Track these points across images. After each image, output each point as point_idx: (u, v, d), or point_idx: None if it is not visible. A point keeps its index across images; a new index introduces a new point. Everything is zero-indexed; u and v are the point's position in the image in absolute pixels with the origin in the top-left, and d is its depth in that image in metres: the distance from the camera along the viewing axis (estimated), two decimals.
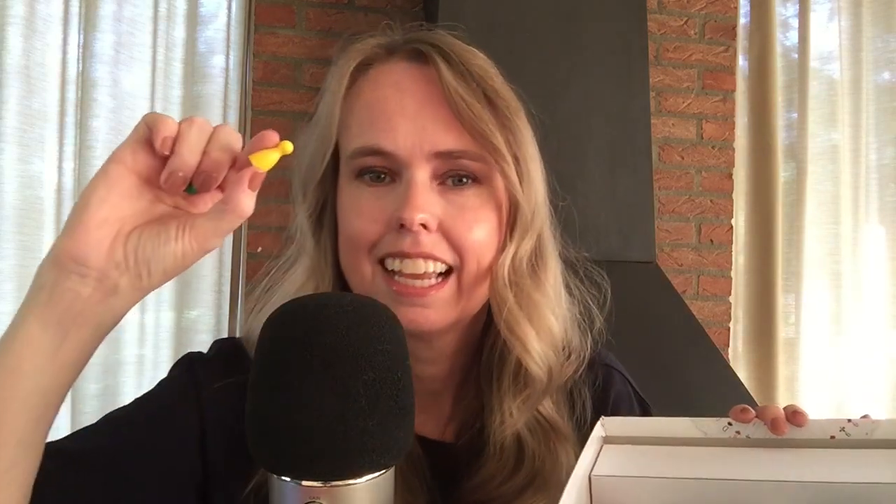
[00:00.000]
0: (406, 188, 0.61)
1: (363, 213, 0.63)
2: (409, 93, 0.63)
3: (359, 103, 0.65)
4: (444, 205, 0.62)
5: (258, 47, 2.26)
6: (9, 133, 1.91)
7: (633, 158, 2.07)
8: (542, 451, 0.67)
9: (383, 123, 0.62)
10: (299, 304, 0.47)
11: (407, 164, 0.62)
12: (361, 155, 0.63)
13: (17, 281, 1.92)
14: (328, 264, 0.67)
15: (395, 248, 0.61)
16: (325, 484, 0.42)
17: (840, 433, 0.53)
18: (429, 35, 0.67)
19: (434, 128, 0.62)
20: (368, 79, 0.66)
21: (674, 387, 1.81)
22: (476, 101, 0.62)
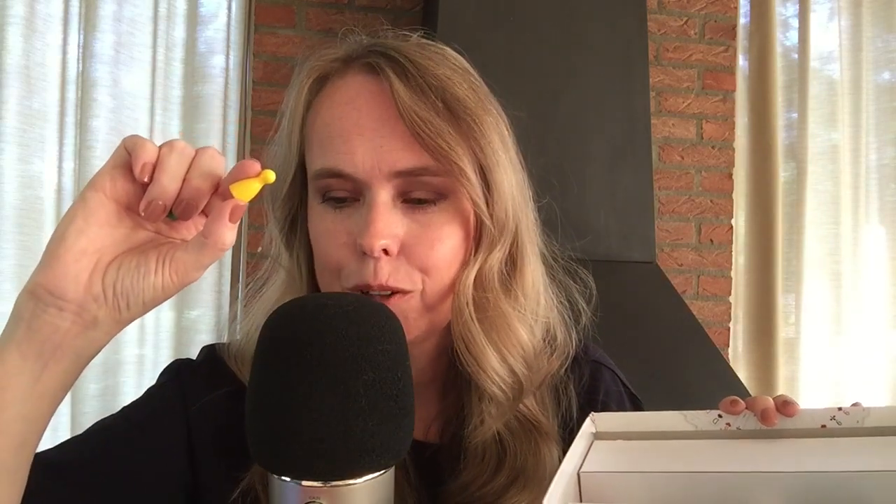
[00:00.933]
0: (367, 211, 0.59)
1: (329, 235, 0.61)
2: (364, 110, 0.60)
3: (317, 122, 0.63)
4: (408, 223, 0.61)
5: (258, 47, 2.26)
6: (9, 133, 1.91)
7: (633, 158, 2.07)
8: (524, 449, 0.66)
9: (340, 145, 0.60)
10: (299, 304, 0.47)
11: (368, 186, 0.60)
12: (322, 177, 0.61)
13: (17, 281, 1.92)
14: (303, 277, 0.66)
15: (359, 279, 0.60)
16: (325, 484, 0.42)
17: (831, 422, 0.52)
18: (385, 45, 0.63)
19: (391, 146, 0.59)
20: (325, 95, 0.64)
21: (674, 387, 1.81)
22: (433, 114, 0.59)
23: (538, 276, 0.69)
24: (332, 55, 0.65)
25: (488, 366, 0.63)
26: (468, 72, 0.65)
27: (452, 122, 0.60)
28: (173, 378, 0.69)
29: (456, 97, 0.61)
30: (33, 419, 0.48)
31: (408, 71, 0.60)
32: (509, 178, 0.64)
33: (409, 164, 0.59)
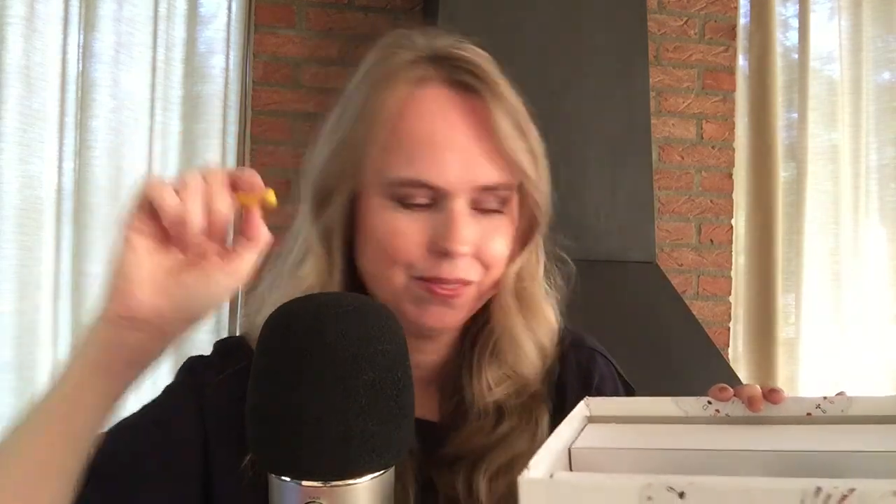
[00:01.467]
0: (449, 218, 0.65)
1: (402, 235, 0.66)
2: (457, 126, 0.65)
3: (403, 130, 0.65)
4: (478, 230, 0.67)
5: (258, 47, 2.26)
6: (9, 133, 1.91)
7: (634, 159, 2.07)
8: (520, 410, 0.72)
9: (431, 158, 0.64)
10: (299, 304, 0.47)
11: (451, 196, 0.65)
12: (406, 186, 0.65)
13: (17, 281, 1.92)
14: (337, 268, 0.70)
15: (432, 272, 0.65)
16: (325, 484, 0.42)
17: (816, 410, 0.54)
18: (468, 58, 0.67)
19: (479, 162, 0.65)
20: (413, 104, 0.66)
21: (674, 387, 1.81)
22: (517, 136, 0.67)
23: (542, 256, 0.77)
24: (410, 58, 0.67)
25: (527, 350, 0.72)
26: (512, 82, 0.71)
27: (524, 140, 0.68)
28: (187, 374, 0.72)
29: (525, 117, 0.69)
30: (100, 427, 0.55)
31: (497, 92, 0.67)
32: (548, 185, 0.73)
33: (492, 180, 0.66)
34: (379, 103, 0.66)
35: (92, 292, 2.02)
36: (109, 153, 2.05)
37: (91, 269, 2.02)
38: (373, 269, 0.69)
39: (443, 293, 0.66)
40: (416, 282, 0.66)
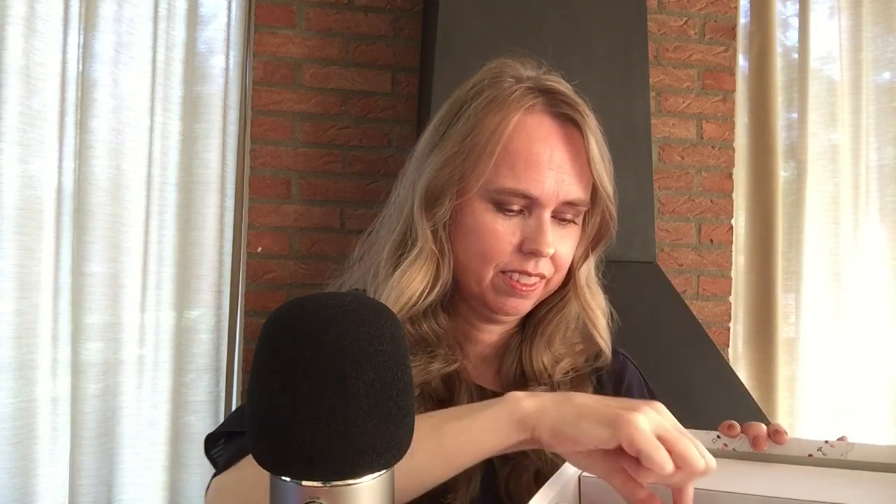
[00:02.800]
0: (540, 224, 0.79)
1: (499, 236, 0.79)
2: (557, 149, 0.80)
3: (512, 148, 0.79)
4: (556, 236, 0.81)
5: (258, 47, 2.26)
6: (9, 133, 1.91)
7: (633, 158, 2.07)
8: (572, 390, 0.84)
9: (534, 173, 0.78)
10: (299, 303, 0.47)
11: (542, 206, 0.79)
12: (510, 194, 0.79)
13: (16, 281, 1.92)
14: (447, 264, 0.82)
15: (520, 266, 0.79)
16: (325, 484, 0.42)
17: (817, 452, 0.59)
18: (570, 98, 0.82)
19: (570, 181, 0.80)
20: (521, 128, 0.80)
21: (674, 387, 1.81)
22: (603, 163, 0.83)
23: None
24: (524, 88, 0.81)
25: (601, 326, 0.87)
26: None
27: (606, 167, 0.84)
28: None
29: (605, 145, 0.84)
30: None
31: (590, 125, 0.82)
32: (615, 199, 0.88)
33: (577, 197, 0.81)
34: (493, 124, 0.79)
35: (92, 292, 2.02)
36: (109, 153, 2.05)
37: (91, 269, 2.02)
38: (466, 261, 0.81)
39: (523, 290, 0.80)
40: (502, 276, 0.80)
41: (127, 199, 2.07)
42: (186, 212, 2.15)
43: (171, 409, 2.11)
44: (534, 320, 0.88)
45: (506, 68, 0.85)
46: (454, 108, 0.83)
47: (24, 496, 1.93)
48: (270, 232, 2.21)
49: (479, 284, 0.81)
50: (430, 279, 0.81)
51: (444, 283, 0.82)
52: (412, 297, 0.80)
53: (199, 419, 2.12)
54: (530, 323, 0.88)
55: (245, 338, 2.21)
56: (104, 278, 2.03)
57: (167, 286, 2.13)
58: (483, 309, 0.84)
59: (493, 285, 0.80)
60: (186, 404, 2.12)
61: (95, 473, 2.02)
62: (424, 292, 0.80)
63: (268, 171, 2.22)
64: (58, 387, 1.99)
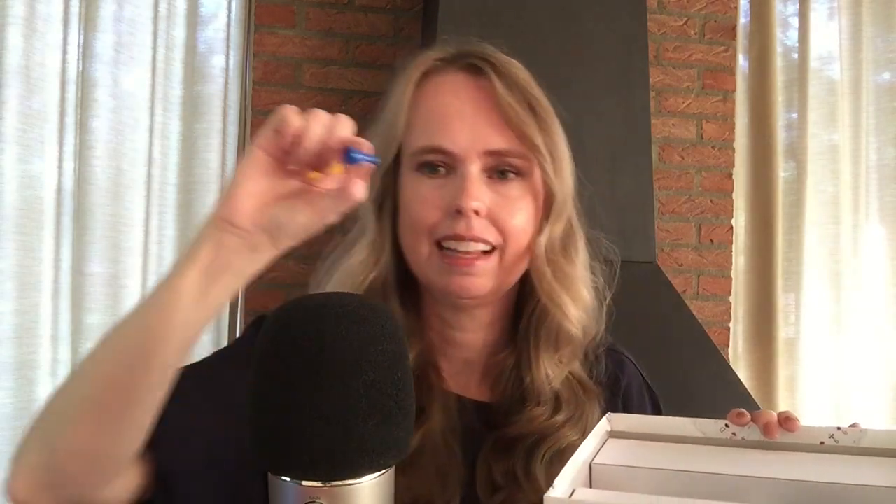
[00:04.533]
0: (462, 180, 0.73)
1: (425, 201, 0.74)
2: (466, 100, 0.75)
3: (422, 108, 0.76)
4: (492, 195, 0.74)
5: (258, 47, 2.26)
6: (9, 133, 1.91)
7: (633, 158, 2.07)
8: (575, 402, 0.78)
9: (444, 126, 0.74)
10: (300, 304, 0.47)
11: (462, 160, 0.73)
12: (425, 153, 0.75)
13: (16, 281, 1.92)
14: (387, 242, 0.78)
15: (451, 230, 0.73)
16: (325, 484, 0.42)
17: (829, 440, 0.56)
18: (480, 50, 0.78)
19: (487, 130, 0.74)
20: (429, 87, 0.77)
21: (674, 387, 1.81)
22: (521, 108, 0.75)
23: (586, 255, 0.84)
24: (434, 55, 0.79)
25: (570, 312, 0.78)
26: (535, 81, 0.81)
27: (533, 115, 0.76)
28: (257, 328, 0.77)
29: (535, 96, 0.77)
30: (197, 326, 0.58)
31: (502, 72, 0.76)
32: (569, 166, 0.81)
33: (500, 145, 0.74)
34: (404, 91, 0.77)
35: (92, 292, 2.02)
36: (109, 153, 2.05)
37: (91, 269, 2.02)
38: (406, 240, 0.77)
39: (463, 262, 0.73)
40: (439, 253, 0.74)
41: (127, 199, 2.06)
42: (186, 212, 2.15)
43: None
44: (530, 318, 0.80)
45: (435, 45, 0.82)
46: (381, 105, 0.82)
47: None
48: None
49: (419, 264, 0.76)
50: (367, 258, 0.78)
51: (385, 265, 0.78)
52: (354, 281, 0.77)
53: None
54: (527, 323, 0.80)
55: None
56: (104, 278, 2.03)
57: None
58: (441, 297, 0.78)
59: (432, 263, 0.75)
60: None
61: None
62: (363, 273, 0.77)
63: None
64: None
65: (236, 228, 0.58)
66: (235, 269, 0.59)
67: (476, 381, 0.82)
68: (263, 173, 0.58)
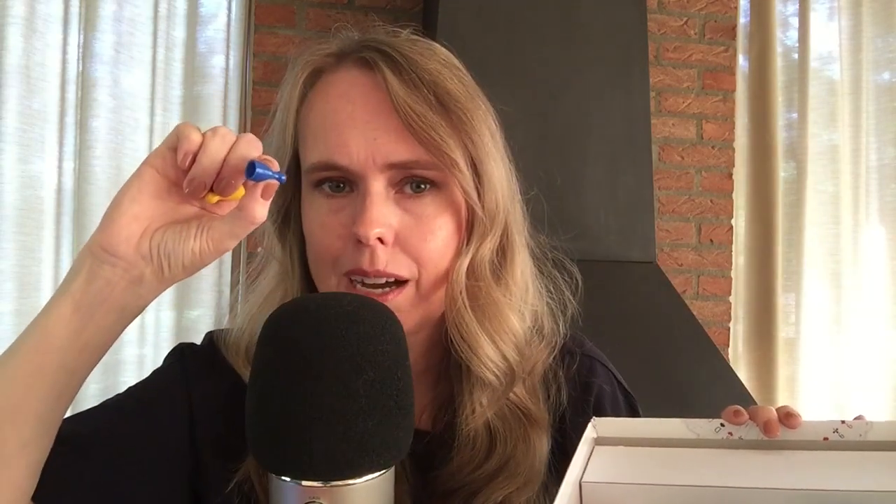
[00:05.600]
0: (361, 201, 0.61)
1: (325, 226, 0.63)
2: (358, 103, 0.62)
3: (311, 115, 0.64)
4: (401, 214, 0.62)
5: (258, 47, 2.26)
6: (9, 133, 1.91)
7: (633, 158, 2.07)
8: (515, 436, 0.67)
9: (335, 137, 0.61)
10: (300, 304, 0.47)
11: (362, 177, 0.61)
12: (318, 170, 0.63)
13: (16, 281, 1.92)
14: (296, 269, 0.68)
15: (354, 265, 0.61)
16: (325, 484, 0.42)
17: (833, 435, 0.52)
18: (378, 40, 0.65)
19: (386, 139, 0.61)
20: (319, 89, 0.65)
21: (674, 387, 1.81)
22: (426, 108, 0.61)
23: (527, 267, 0.70)
24: (325, 50, 0.66)
25: (482, 353, 0.64)
26: (457, 67, 0.67)
27: (444, 115, 0.61)
28: (178, 360, 0.71)
29: (447, 91, 0.62)
30: (73, 371, 0.53)
31: (400, 65, 0.61)
32: (499, 170, 0.66)
33: (403, 157, 0.61)
34: (291, 94, 0.65)
35: None
36: (109, 153, 2.05)
37: None
38: (314, 271, 0.66)
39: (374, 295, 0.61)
40: (349, 284, 0.62)
41: None
42: None
43: None
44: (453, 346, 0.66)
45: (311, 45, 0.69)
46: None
47: None
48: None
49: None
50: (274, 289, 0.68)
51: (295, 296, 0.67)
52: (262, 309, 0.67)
53: None
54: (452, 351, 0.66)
55: None
56: None
57: None
58: None
59: None
60: None
61: None
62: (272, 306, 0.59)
63: None
64: None
65: (115, 258, 0.51)
66: (115, 303, 0.52)
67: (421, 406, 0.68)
68: (153, 195, 0.52)
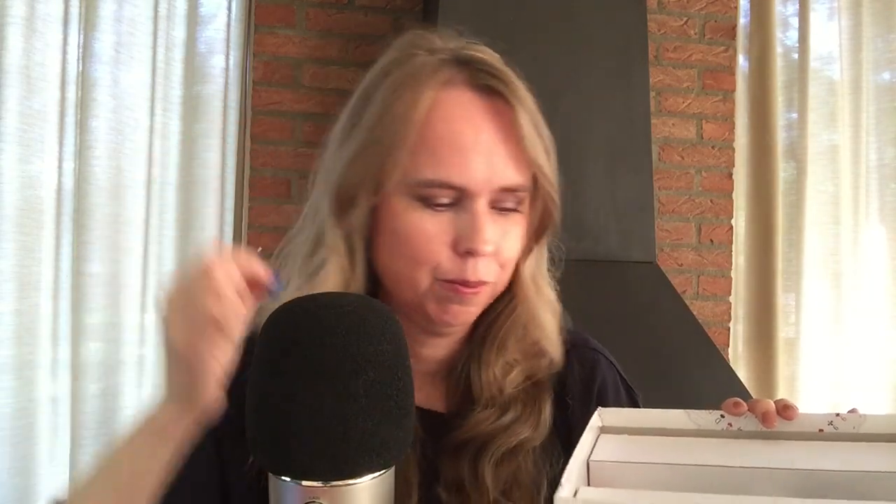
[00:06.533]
0: (473, 218, 0.67)
1: (429, 236, 0.68)
2: (482, 129, 0.68)
3: (430, 133, 0.67)
4: (496, 230, 0.69)
5: (258, 47, 2.26)
6: (9, 133, 1.91)
7: (633, 158, 2.07)
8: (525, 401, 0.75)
9: (458, 159, 0.67)
10: (299, 304, 0.47)
11: (475, 196, 0.67)
12: (430, 186, 0.67)
13: (16, 281, 1.92)
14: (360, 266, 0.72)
15: (458, 275, 0.68)
16: (325, 484, 0.42)
17: (828, 427, 0.54)
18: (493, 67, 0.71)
19: (503, 164, 0.68)
20: (439, 108, 0.68)
21: (674, 387, 1.81)
22: (537, 136, 0.69)
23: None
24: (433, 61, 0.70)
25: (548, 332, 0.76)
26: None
27: (542, 140, 0.71)
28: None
29: (540, 117, 0.72)
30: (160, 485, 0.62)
31: (518, 95, 0.70)
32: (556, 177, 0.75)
33: (514, 181, 0.69)
34: (405, 106, 0.67)
35: (92, 292, 2.02)
36: (109, 153, 2.05)
37: (91, 269, 2.02)
38: (397, 268, 0.71)
39: (467, 293, 0.69)
40: (441, 283, 0.69)
41: (127, 199, 2.06)
42: (186, 212, 2.15)
43: None
44: (481, 328, 0.77)
45: (418, 40, 0.73)
46: (362, 96, 0.72)
47: (24, 496, 1.93)
48: (270, 232, 2.21)
49: (416, 292, 0.70)
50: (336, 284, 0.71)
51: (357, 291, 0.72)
52: None
53: None
54: (478, 332, 0.77)
55: None
56: (104, 278, 2.03)
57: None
58: (423, 320, 0.72)
59: (433, 293, 0.69)
60: None
61: None
62: None
63: (268, 171, 2.22)
64: (58, 387, 1.99)
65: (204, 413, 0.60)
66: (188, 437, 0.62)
67: (435, 391, 0.78)
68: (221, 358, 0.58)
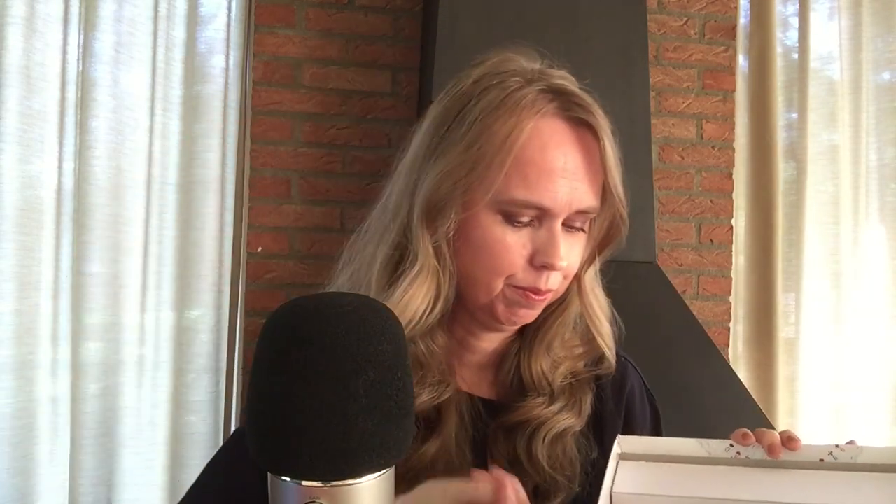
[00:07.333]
0: (551, 236, 0.75)
1: (510, 249, 0.75)
2: (570, 156, 0.75)
3: (525, 157, 0.74)
4: (566, 246, 0.76)
5: (258, 47, 2.26)
6: (9, 133, 1.91)
7: (633, 158, 2.06)
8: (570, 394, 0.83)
9: (548, 184, 0.73)
10: (299, 304, 0.47)
11: (554, 216, 0.74)
12: (519, 205, 0.74)
13: (16, 281, 1.92)
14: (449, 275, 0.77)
15: (531, 284, 0.76)
16: (325, 484, 0.42)
17: (828, 457, 0.61)
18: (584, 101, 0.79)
19: (583, 189, 0.75)
20: (536, 136, 0.75)
21: (674, 387, 1.81)
22: (617, 168, 0.78)
23: None
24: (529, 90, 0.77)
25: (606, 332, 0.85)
26: None
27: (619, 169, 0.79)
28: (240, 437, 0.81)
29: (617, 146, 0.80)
30: None
31: (604, 128, 0.78)
32: None
33: (590, 205, 0.76)
34: (505, 131, 0.74)
35: (92, 292, 2.02)
36: (109, 153, 2.05)
37: (91, 269, 2.02)
38: (475, 274, 0.77)
39: (536, 299, 0.76)
40: (513, 288, 0.76)
41: (127, 199, 2.07)
42: (186, 212, 2.15)
43: (172, 410, 2.11)
44: (533, 325, 0.83)
45: (509, 64, 0.80)
46: (455, 108, 0.78)
47: (24, 496, 1.93)
48: (270, 232, 2.21)
49: (489, 295, 0.77)
50: (432, 298, 0.76)
51: (447, 300, 0.77)
52: (413, 317, 0.75)
53: (199, 419, 2.12)
54: (529, 328, 0.84)
55: (245, 338, 2.21)
56: (104, 278, 2.03)
57: (167, 286, 2.13)
58: (488, 319, 0.79)
59: (504, 297, 0.77)
60: (186, 404, 2.12)
61: (95, 473, 2.02)
62: (426, 312, 0.76)
63: (268, 171, 2.22)
64: (58, 387, 1.99)
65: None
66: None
67: (484, 379, 0.85)
68: None
